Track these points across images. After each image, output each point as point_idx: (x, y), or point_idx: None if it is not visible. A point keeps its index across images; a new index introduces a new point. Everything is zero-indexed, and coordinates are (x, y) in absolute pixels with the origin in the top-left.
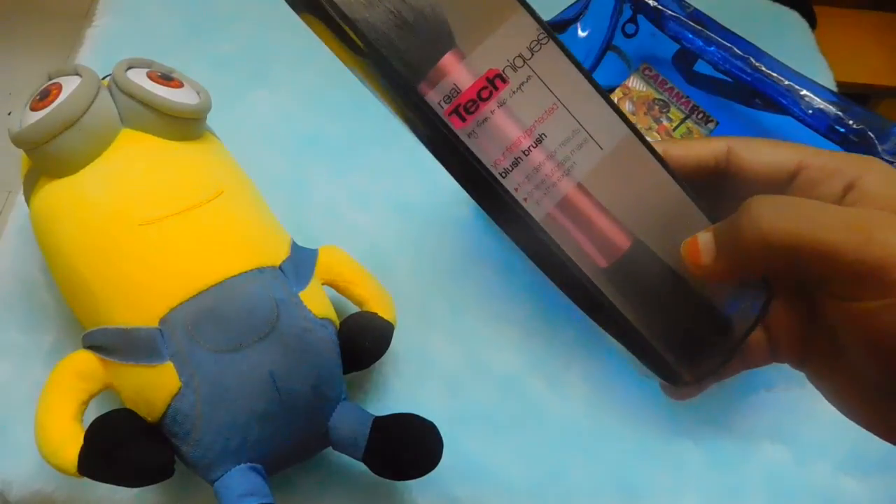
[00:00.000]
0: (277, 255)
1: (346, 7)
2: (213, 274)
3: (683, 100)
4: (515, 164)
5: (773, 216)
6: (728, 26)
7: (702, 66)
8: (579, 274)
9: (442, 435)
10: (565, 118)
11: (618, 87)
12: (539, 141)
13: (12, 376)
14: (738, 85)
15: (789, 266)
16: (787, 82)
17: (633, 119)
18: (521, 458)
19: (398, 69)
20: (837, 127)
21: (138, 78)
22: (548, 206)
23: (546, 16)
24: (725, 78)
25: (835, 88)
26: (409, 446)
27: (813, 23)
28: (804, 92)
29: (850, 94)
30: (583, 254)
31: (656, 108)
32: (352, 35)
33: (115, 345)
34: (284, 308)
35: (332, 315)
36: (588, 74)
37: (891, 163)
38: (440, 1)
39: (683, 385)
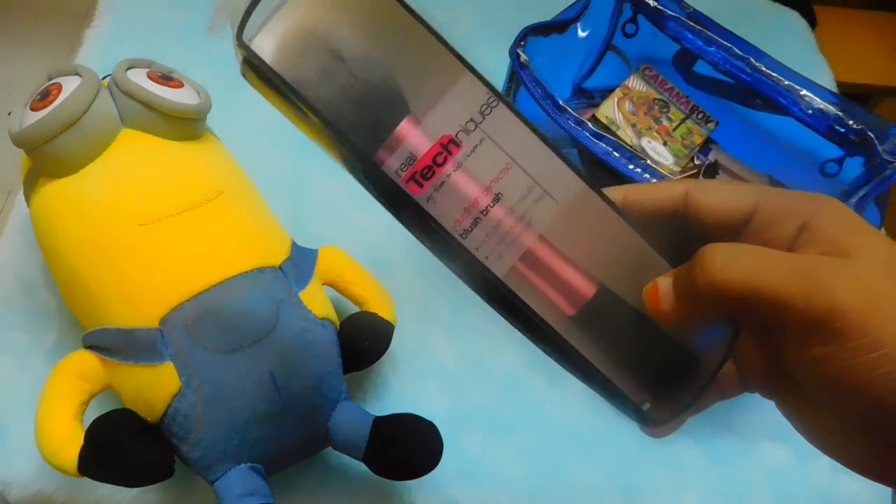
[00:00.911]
0: (277, 255)
1: (299, 85)
2: (214, 274)
3: (683, 100)
4: (475, 223)
5: (723, 265)
6: (728, 26)
7: (701, 68)
8: (545, 325)
9: (442, 435)
10: (520, 176)
11: (618, 87)
12: (497, 199)
13: (13, 376)
14: (737, 86)
15: (743, 313)
16: (786, 82)
17: (632, 119)
18: (521, 458)
19: (354, 141)
20: (837, 127)
21: (138, 78)
22: (511, 259)
23: (546, 16)
24: (725, 78)
25: (835, 88)
26: (409, 446)
27: (813, 23)
28: (804, 92)
29: (850, 94)
30: (549, 304)
31: (656, 108)
32: (306, 111)
33: (115, 345)
34: (284, 308)
35: (332, 315)
36: (539, 132)
37: (890, 163)
38: (391, 71)
39: (656, 425)
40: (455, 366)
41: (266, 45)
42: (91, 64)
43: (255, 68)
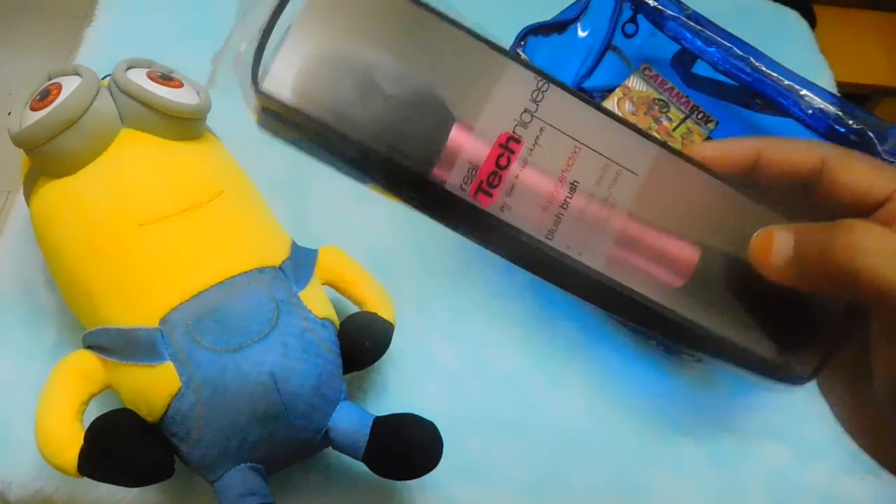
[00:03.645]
0: (277, 255)
1: (332, 119)
2: (214, 274)
3: (683, 100)
4: (558, 220)
5: (873, 255)
6: (727, 26)
7: (701, 69)
8: (655, 306)
9: (442, 435)
10: (591, 157)
11: (618, 87)
12: (573, 188)
13: (13, 375)
14: (736, 87)
15: (863, 302)
16: (786, 82)
17: (633, 119)
18: (521, 458)
19: (406, 166)
20: (837, 127)
21: (138, 78)
22: (605, 248)
23: (546, 16)
24: (724, 79)
25: (835, 89)
26: (409, 446)
27: (813, 23)
28: (804, 92)
29: (850, 94)
30: (654, 282)
31: (656, 108)
32: (346, 145)
33: (115, 345)
34: (284, 308)
35: (332, 315)
36: (599, 105)
37: (891, 163)
38: (427, 80)
39: (803, 380)
40: (455, 366)
41: (280, 87)
42: (91, 64)
43: (274, 115)
